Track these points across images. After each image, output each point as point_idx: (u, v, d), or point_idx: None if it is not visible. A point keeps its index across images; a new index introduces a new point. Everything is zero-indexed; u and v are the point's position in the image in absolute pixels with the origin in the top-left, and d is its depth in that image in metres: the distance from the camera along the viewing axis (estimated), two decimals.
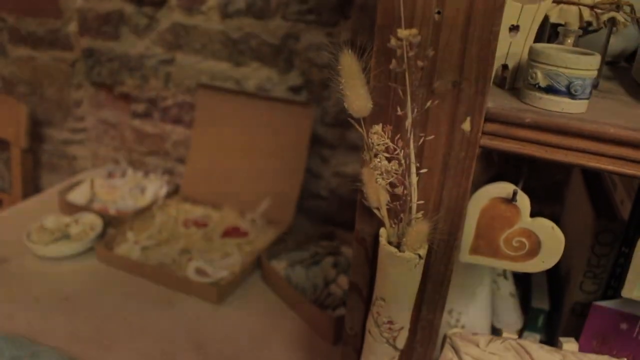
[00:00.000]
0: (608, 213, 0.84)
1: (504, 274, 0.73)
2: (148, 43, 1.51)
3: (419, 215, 0.48)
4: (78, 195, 1.46)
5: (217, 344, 1.03)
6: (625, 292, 0.55)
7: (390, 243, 0.49)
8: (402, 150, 0.46)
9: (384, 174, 0.45)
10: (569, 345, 0.57)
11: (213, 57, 1.44)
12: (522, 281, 0.98)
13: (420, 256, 0.49)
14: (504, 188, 0.52)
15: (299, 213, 1.38)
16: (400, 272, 0.50)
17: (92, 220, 1.35)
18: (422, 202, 0.49)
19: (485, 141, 0.48)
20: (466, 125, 0.46)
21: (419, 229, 0.47)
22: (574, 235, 0.92)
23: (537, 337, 0.90)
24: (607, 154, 0.45)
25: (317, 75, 1.35)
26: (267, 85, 1.41)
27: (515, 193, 0.51)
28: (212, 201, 1.44)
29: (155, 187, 1.49)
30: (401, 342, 0.55)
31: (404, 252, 0.49)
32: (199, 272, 1.19)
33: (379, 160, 0.45)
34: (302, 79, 1.37)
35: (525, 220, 0.53)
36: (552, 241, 0.52)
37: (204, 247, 1.27)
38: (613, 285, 0.87)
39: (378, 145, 0.45)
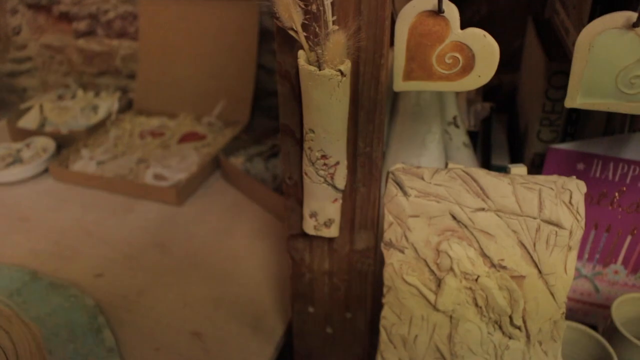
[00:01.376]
0: (560, 55, 0.81)
1: (454, 121, 0.70)
2: None
3: (336, 27, 0.44)
4: (28, 121, 1.41)
5: (180, 242, 1.00)
6: (568, 102, 0.52)
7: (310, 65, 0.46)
8: None
9: None
10: (518, 169, 0.55)
11: None
12: (483, 142, 0.95)
13: (341, 72, 0.45)
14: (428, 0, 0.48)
15: (257, 112, 1.34)
16: (323, 94, 0.46)
17: (44, 143, 1.30)
18: (335, 17, 0.45)
19: None
20: None
21: (336, 41, 0.44)
22: (531, 90, 0.89)
23: None
24: None
25: None
26: None
27: (440, 2, 0.47)
28: (167, 111, 1.39)
29: (107, 104, 1.43)
30: (340, 181, 0.53)
31: (323, 70, 0.45)
32: (157, 177, 1.15)
33: None
34: None
35: (456, 32, 0.49)
36: (485, 51, 0.49)
37: (161, 155, 1.23)
38: (570, 132, 0.85)
39: None
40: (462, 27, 0.49)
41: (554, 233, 0.54)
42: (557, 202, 0.53)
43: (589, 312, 0.85)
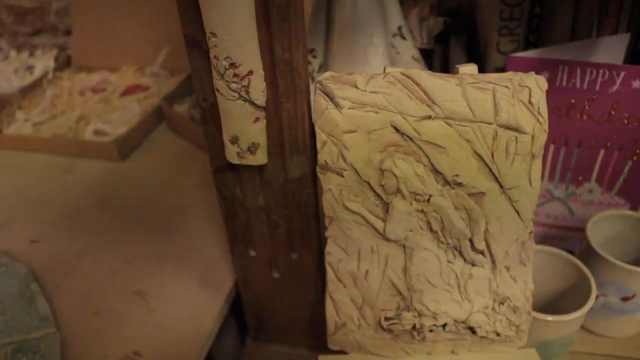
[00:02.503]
0: None
1: (399, 32, 0.62)
2: None
3: None
4: None
5: (123, 199, 0.92)
6: None
7: None
8: None
9: None
10: (467, 68, 0.47)
11: None
12: (440, 64, 0.87)
13: None
14: None
15: None
16: None
17: None
18: None
19: None
20: None
21: None
22: (487, 2, 0.80)
23: None
24: None
25: None
26: None
27: None
28: (107, 65, 1.29)
29: (43, 63, 1.32)
30: (258, 95, 0.44)
31: None
32: (98, 133, 1.06)
33: None
34: None
35: None
36: None
37: (102, 110, 1.14)
38: (532, 41, 0.77)
39: None
40: None
41: (514, 139, 0.46)
42: (514, 102, 0.45)
43: (564, 237, 0.78)
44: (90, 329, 0.70)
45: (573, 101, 0.67)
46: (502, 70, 0.78)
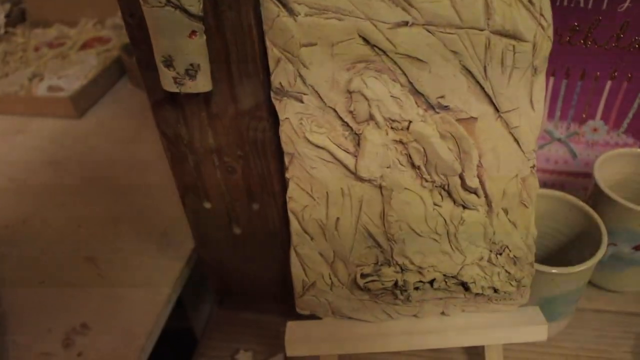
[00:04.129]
0: None
1: None
2: None
3: None
4: None
5: (77, 157, 0.83)
6: None
7: None
8: None
9: None
10: None
11: None
12: None
13: None
14: None
15: None
16: None
17: None
18: None
19: None
20: None
21: None
22: None
23: None
24: None
25: None
26: None
27: None
28: (66, 19, 1.18)
29: None
30: (191, 1, 0.34)
31: None
32: (52, 89, 0.96)
33: None
34: None
35: None
36: None
37: (58, 65, 1.03)
38: None
39: None
40: None
41: (511, 49, 0.37)
42: (510, 1, 0.36)
43: (566, 183, 0.70)
44: (35, 301, 0.61)
45: (576, 24, 0.58)
46: None
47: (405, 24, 0.37)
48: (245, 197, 0.48)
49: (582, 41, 0.60)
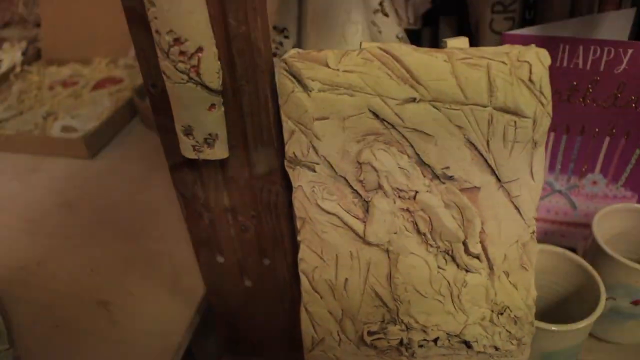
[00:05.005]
0: None
1: (381, 8, 0.55)
2: None
3: None
4: None
5: (89, 198, 0.85)
6: None
7: None
8: None
9: None
10: (457, 42, 0.40)
11: None
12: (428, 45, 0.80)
13: None
14: None
15: None
16: None
17: None
18: None
19: None
20: None
21: None
22: None
23: None
24: None
25: None
26: None
27: None
28: (79, 57, 1.21)
29: (10, 56, 1.24)
30: (211, 77, 0.37)
31: None
32: (66, 129, 0.99)
33: None
34: None
35: None
36: None
37: (71, 105, 1.06)
38: (528, 18, 0.70)
39: None
40: None
41: (513, 124, 0.39)
42: (512, 80, 0.38)
43: (566, 233, 0.72)
44: (49, 344, 0.63)
45: (575, 83, 0.60)
46: None
47: (413, 100, 0.39)
48: (256, 253, 0.50)
49: (581, 99, 0.62)
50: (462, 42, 0.40)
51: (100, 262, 0.73)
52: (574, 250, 0.59)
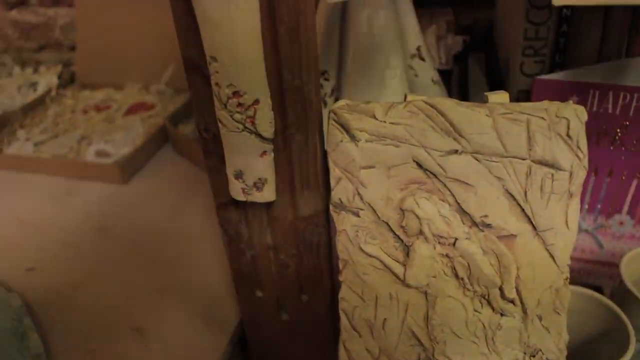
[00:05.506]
0: None
1: (418, 53, 0.57)
2: None
3: None
4: None
5: (123, 224, 0.87)
6: None
7: None
8: None
9: None
10: (498, 97, 0.42)
11: None
12: (459, 85, 0.82)
13: None
14: None
15: None
16: (218, 2, 0.32)
17: None
18: None
19: None
20: None
21: None
22: (510, 18, 0.76)
23: None
24: None
25: None
26: None
27: None
28: (112, 82, 1.25)
29: (47, 80, 1.28)
30: (265, 126, 0.39)
31: None
32: (100, 154, 1.02)
33: None
34: None
35: None
36: None
37: (105, 130, 1.09)
38: (558, 62, 0.72)
39: None
40: None
41: (550, 176, 0.41)
42: (551, 135, 0.40)
43: (592, 271, 0.73)
44: None
45: (604, 127, 0.62)
46: (526, 93, 0.73)
47: (455, 152, 0.41)
48: (295, 289, 0.52)
49: (610, 143, 0.64)
50: (503, 96, 0.42)
51: (135, 288, 0.75)
52: (599, 288, 0.61)
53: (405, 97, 0.42)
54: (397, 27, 0.56)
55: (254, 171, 0.42)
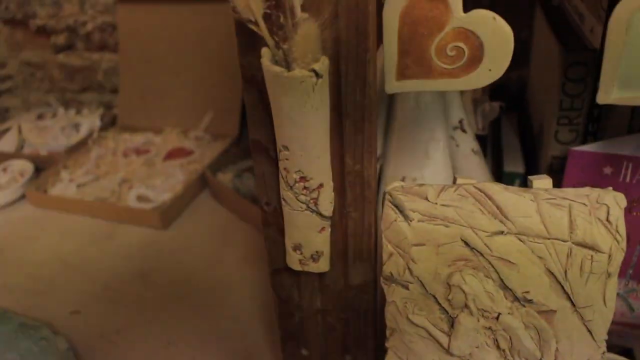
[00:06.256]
0: (575, 43, 0.71)
1: (460, 125, 0.60)
2: None
3: (305, 15, 0.35)
4: (5, 144, 1.32)
5: (164, 270, 0.91)
6: (602, 97, 0.42)
7: (277, 65, 0.36)
8: None
9: None
10: (541, 182, 0.45)
11: None
12: (493, 147, 0.85)
13: (316, 73, 0.35)
14: None
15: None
16: (295, 101, 0.36)
17: (22, 166, 1.21)
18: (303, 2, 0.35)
19: None
20: None
21: (307, 32, 0.34)
22: (544, 86, 0.79)
23: None
24: None
25: None
26: None
27: None
28: (152, 126, 1.30)
29: (89, 121, 1.34)
30: (326, 206, 0.43)
31: (293, 70, 0.35)
32: (141, 199, 1.06)
33: None
34: None
35: (458, 16, 0.39)
36: (496, 37, 0.39)
37: (145, 174, 1.14)
38: (592, 131, 0.75)
39: None
40: (465, 10, 0.39)
41: (589, 258, 0.44)
42: (591, 220, 0.43)
43: (622, 333, 0.75)
44: None
45: (637, 197, 0.64)
46: (560, 159, 0.76)
47: (501, 233, 0.44)
48: (340, 350, 0.55)
49: None
50: (546, 182, 0.45)
51: (175, 335, 0.78)
52: (630, 350, 0.62)
53: (455, 179, 0.45)
54: (442, 102, 0.59)
55: (311, 245, 0.45)
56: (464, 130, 0.62)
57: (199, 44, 1.24)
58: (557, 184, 0.68)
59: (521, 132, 0.89)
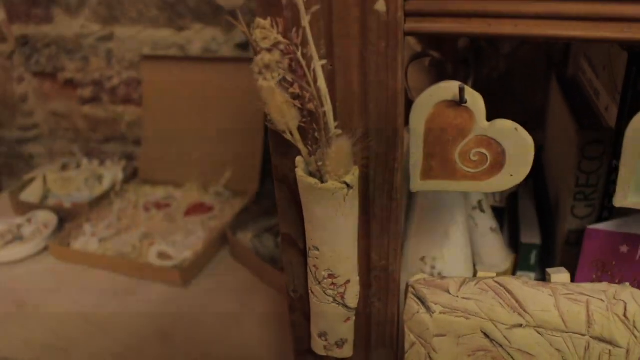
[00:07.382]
0: (592, 122, 0.73)
1: (479, 206, 0.63)
2: (82, 21, 1.39)
3: (339, 131, 0.37)
4: (31, 194, 1.35)
5: (183, 330, 0.92)
6: (618, 200, 0.44)
7: (311, 175, 0.38)
8: (300, 47, 0.34)
9: (265, 71, 0.34)
10: (560, 276, 0.47)
11: (152, 24, 1.32)
12: (510, 219, 0.87)
13: (348, 185, 0.37)
14: (448, 88, 0.41)
15: (267, 179, 1.27)
16: (327, 210, 0.39)
17: (45, 218, 1.24)
18: (338, 122, 0.38)
19: (412, 25, 0.36)
20: (380, 5, 0.35)
21: (340, 147, 0.36)
22: (559, 158, 0.81)
23: (532, 276, 0.79)
24: (566, 15, 0.34)
25: None
26: (213, 46, 1.29)
27: (462, 91, 0.40)
28: (172, 180, 1.33)
29: (112, 173, 1.37)
30: (352, 299, 0.45)
31: (326, 182, 0.38)
32: (162, 255, 1.08)
33: (260, 57, 0.34)
34: None
35: (481, 125, 0.42)
36: (517, 147, 0.41)
37: (166, 229, 1.17)
38: (608, 206, 0.77)
39: (263, 40, 0.33)
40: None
41: (607, 352, 0.45)
42: (609, 315, 0.45)
43: None
44: None
45: None
46: (576, 232, 0.77)
47: (520, 326, 0.46)
48: None
49: None
50: (564, 277, 0.46)
51: None
52: None
53: (476, 272, 0.47)
54: None
55: (336, 333, 0.47)
56: (482, 211, 0.64)
57: (220, 100, 1.27)
58: (574, 257, 0.70)
59: (537, 198, 0.91)
